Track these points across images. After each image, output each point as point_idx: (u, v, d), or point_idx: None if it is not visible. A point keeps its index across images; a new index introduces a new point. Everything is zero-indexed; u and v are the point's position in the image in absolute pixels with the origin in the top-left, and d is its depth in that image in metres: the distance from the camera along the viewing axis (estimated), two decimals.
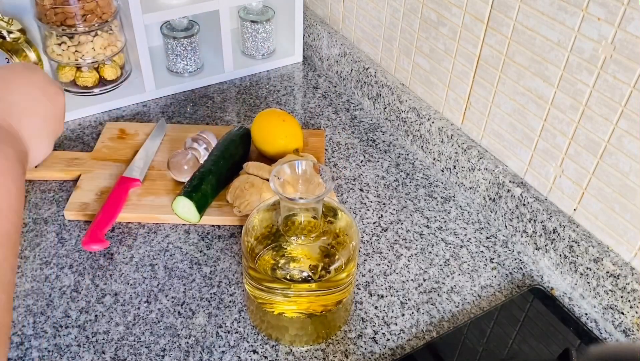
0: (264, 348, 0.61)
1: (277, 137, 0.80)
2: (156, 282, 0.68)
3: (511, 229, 0.74)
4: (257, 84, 1.03)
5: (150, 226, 0.75)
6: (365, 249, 0.73)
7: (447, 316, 0.65)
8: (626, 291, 0.61)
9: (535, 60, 0.65)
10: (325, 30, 1.03)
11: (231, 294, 0.67)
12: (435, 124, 0.82)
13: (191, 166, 0.77)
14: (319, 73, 1.07)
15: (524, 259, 0.72)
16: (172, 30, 0.98)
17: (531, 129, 0.69)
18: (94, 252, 0.71)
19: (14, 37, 0.88)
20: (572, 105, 0.63)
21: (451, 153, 0.80)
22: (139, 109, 0.96)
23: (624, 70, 0.56)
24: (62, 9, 0.87)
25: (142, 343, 0.62)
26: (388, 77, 0.91)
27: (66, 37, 0.90)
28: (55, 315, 0.64)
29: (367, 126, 0.93)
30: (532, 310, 0.65)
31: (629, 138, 0.58)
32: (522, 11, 0.65)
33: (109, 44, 0.93)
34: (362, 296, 0.67)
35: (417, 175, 0.84)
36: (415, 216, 0.77)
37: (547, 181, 0.69)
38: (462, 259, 0.72)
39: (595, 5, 0.57)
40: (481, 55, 0.73)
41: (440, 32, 0.78)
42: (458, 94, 0.79)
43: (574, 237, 0.65)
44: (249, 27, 1.03)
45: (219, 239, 0.73)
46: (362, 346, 0.62)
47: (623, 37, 0.56)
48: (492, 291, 0.68)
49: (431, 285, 0.69)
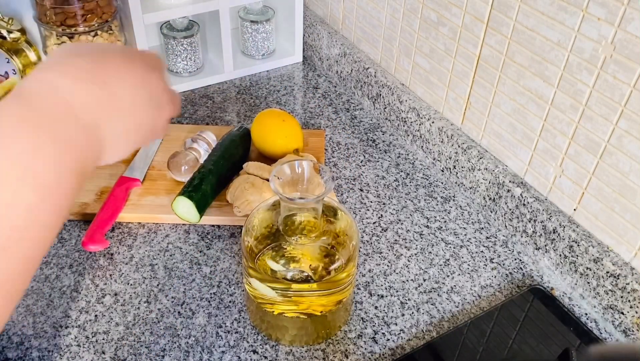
0: (264, 348, 0.62)
1: (277, 137, 0.80)
2: (156, 282, 0.68)
3: (511, 229, 0.74)
4: (257, 84, 1.03)
5: (150, 226, 0.75)
6: (365, 249, 0.73)
7: (447, 316, 0.65)
8: (626, 291, 0.61)
9: (535, 60, 0.65)
10: (325, 30, 1.03)
11: (231, 294, 0.67)
12: (435, 124, 0.82)
13: (191, 166, 0.77)
14: (319, 73, 1.07)
15: (524, 259, 0.72)
16: (172, 30, 0.98)
17: (531, 129, 0.69)
18: (94, 252, 0.71)
19: (14, 37, 0.89)
20: (572, 105, 0.63)
21: (451, 153, 0.80)
22: None
23: (624, 70, 0.56)
24: (62, 9, 0.87)
25: (142, 343, 0.62)
26: (388, 77, 0.91)
27: (66, 37, 0.90)
28: (55, 315, 0.64)
29: (367, 126, 0.93)
30: (532, 310, 0.65)
31: (629, 138, 0.58)
32: (522, 11, 0.65)
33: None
34: (362, 296, 0.67)
35: (417, 175, 0.84)
36: (415, 216, 0.77)
37: (547, 181, 0.69)
38: (462, 259, 0.72)
39: (595, 5, 0.57)
40: (481, 55, 0.73)
41: (440, 32, 0.78)
42: (458, 94, 0.79)
43: (574, 237, 0.65)
44: (249, 27, 1.03)
45: (219, 239, 0.73)
46: (362, 346, 0.62)
47: (623, 37, 0.56)
48: (492, 291, 0.68)
49: (431, 285, 0.69)
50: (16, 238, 0.33)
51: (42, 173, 0.34)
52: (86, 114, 0.38)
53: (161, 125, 0.46)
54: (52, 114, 0.36)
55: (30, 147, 0.34)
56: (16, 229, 0.33)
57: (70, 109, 0.37)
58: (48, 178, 0.34)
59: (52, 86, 0.37)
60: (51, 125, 0.35)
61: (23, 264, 0.34)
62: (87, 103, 0.38)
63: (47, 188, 0.34)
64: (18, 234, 0.33)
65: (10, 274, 0.33)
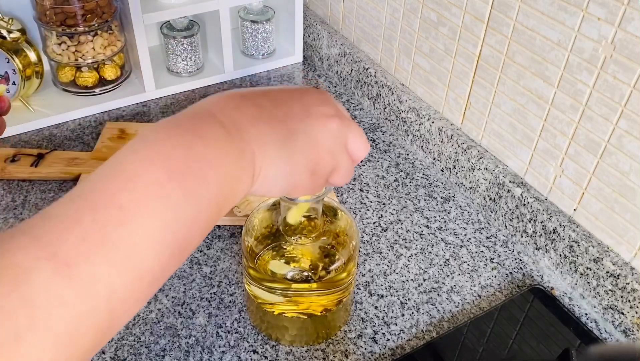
0: (264, 348, 0.62)
1: None
2: None
3: (511, 229, 0.74)
4: (257, 84, 1.03)
5: None
6: (365, 249, 0.73)
7: (447, 316, 0.65)
8: (626, 291, 0.61)
9: (535, 60, 0.65)
10: (325, 30, 1.03)
11: (231, 295, 0.67)
12: (435, 124, 0.82)
13: None
14: (319, 73, 1.07)
15: (524, 259, 0.72)
16: (172, 30, 0.98)
17: (531, 129, 0.69)
18: None
19: (14, 37, 0.88)
20: (572, 105, 0.63)
21: (451, 153, 0.80)
22: (139, 109, 0.96)
23: (624, 70, 0.56)
24: (62, 9, 0.87)
25: (142, 343, 0.62)
26: (388, 77, 0.91)
27: (66, 37, 0.90)
28: None
29: (367, 126, 0.93)
30: (532, 310, 0.65)
31: (629, 138, 0.58)
32: (522, 11, 0.65)
33: (109, 44, 0.93)
34: (362, 296, 0.67)
35: (417, 175, 0.84)
36: (415, 216, 0.77)
37: (547, 181, 0.69)
38: (462, 259, 0.72)
39: (595, 5, 0.57)
40: (481, 55, 0.73)
41: (440, 32, 0.78)
42: (458, 94, 0.79)
43: (574, 237, 0.65)
44: (249, 27, 1.03)
45: (219, 239, 0.73)
46: (362, 346, 0.62)
47: (623, 37, 0.56)
48: (492, 291, 0.68)
49: (431, 285, 0.69)
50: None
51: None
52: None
53: (340, 169, 0.43)
54: (204, 131, 0.35)
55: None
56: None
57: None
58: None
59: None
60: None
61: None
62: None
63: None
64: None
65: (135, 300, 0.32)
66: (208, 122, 0.35)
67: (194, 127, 0.35)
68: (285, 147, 0.38)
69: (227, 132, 0.35)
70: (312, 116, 0.40)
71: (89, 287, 0.28)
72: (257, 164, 0.37)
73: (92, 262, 0.28)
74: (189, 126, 0.35)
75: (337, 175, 0.43)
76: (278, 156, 0.38)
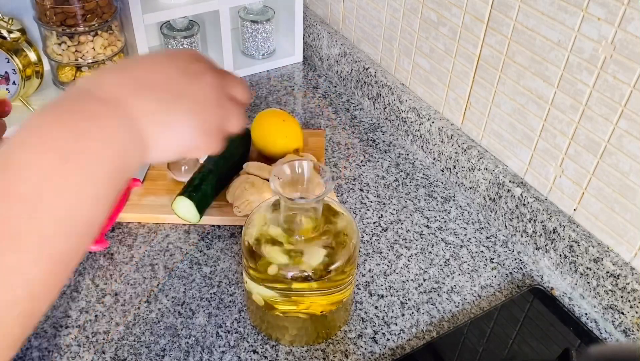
0: (264, 348, 0.62)
1: (277, 137, 0.80)
2: (156, 282, 0.68)
3: (511, 229, 0.74)
4: (257, 84, 1.03)
5: (151, 226, 0.75)
6: (365, 249, 0.73)
7: (447, 316, 0.65)
8: (626, 291, 0.61)
9: (535, 60, 0.65)
10: (325, 30, 1.03)
11: (231, 294, 0.67)
12: (435, 124, 0.82)
13: (191, 166, 0.77)
14: (319, 73, 1.07)
15: (524, 259, 0.72)
16: (172, 30, 0.98)
17: (531, 129, 0.69)
18: (94, 252, 0.71)
19: (14, 37, 0.89)
20: (572, 105, 0.63)
21: (451, 153, 0.80)
22: None
23: (624, 70, 0.56)
24: (62, 9, 0.87)
25: (142, 343, 0.62)
26: (388, 77, 0.91)
27: (66, 37, 0.90)
28: (55, 314, 0.64)
29: (367, 126, 0.93)
30: (532, 310, 0.65)
31: (629, 138, 0.58)
32: (522, 11, 0.65)
33: (109, 44, 0.93)
34: (362, 296, 0.67)
35: (417, 175, 0.84)
36: (415, 216, 0.77)
37: (547, 181, 0.69)
38: (462, 259, 0.72)
39: (595, 5, 0.57)
40: (481, 55, 0.73)
41: (440, 32, 0.78)
42: (458, 94, 0.79)
43: (574, 237, 0.65)
44: (249, 27, 1.03)
45: (219, 239, 0.73)
46: (362, 346, 0.62)
47: (623, 37, 0.56)
48: (492, 291, 0.68)
49: (431, 285, 0.69)
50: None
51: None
52: (109, 93, 0.37)
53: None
54: (87, 110, 0.36)
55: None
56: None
57: (110, 102, 0.36)
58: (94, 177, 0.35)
59: (83, 88, 0.37)
60: (88, 120, 0.35)
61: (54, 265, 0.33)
62: (113, 84, 0.38)
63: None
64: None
65: (47, 273, 0.33)
66: (90, 101, 0.36)
67: (77, 107, 0.35)
68: (170, 112, 0.39)
69: (111, 107, 0.36)
70: (188, 75, 0.41)
71: (5, 279, 0.30)
72: (145, 134, 0.37)
73: (2, 254, 0.30)
74: (72, 107, 0.35)
75: (230, 123, 0.44)
76: (164, 122, 0.39)
